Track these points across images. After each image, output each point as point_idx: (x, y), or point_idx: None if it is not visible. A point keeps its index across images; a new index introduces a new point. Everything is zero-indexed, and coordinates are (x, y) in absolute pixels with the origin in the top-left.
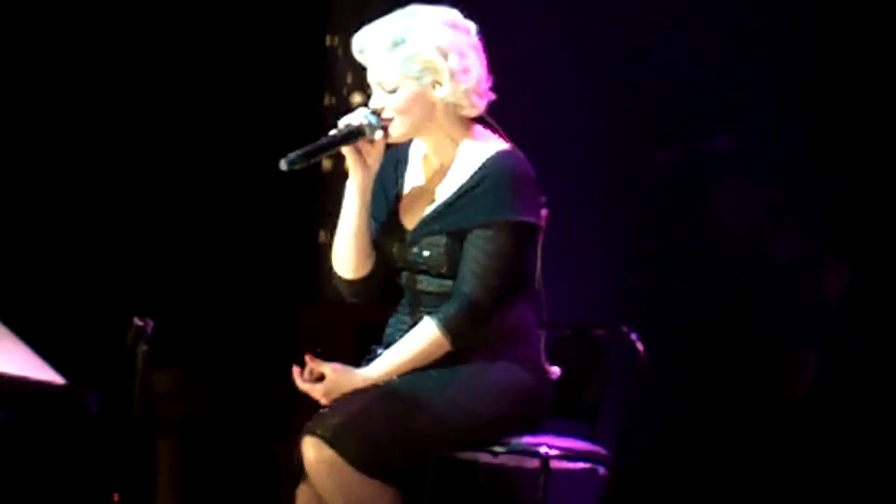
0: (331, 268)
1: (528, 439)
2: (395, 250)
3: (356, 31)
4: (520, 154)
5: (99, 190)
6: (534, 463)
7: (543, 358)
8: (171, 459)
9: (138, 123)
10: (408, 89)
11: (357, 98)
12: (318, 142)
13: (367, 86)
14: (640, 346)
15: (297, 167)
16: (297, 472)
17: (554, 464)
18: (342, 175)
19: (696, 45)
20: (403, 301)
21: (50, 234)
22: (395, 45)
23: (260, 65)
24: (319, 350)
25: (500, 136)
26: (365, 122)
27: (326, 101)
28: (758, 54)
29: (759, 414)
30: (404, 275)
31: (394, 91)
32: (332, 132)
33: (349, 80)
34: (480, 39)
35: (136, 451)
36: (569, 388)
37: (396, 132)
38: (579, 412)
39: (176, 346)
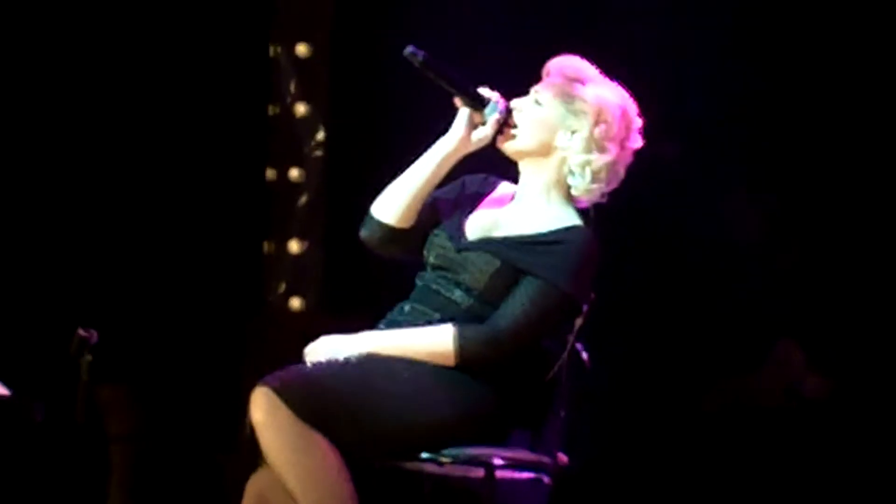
0: (367, 209)
1: (473, 449)
2: (440, 246)
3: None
4: (597, 241)
5: (44, 200)
6: (479, 472)
7: (513, 394)
8: (119, 471)
9: (82, 134)
10: (550, 114)
11: (301, 108)
12: (451, 70)
13: (313, 96)
14: (585, 355)
15: (413, 62)
16: (247, 439)
17: (499, 473)
18: (287, 186)
19: (649, 53)
20: (409, 301)
21: None
22: (576, 80)
23: (204, 76)
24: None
25: (588, 225)
26: (494, 99)
27: (271, 111)
28: (710, 68)
29: (704, 422)
30: (430, 272)
31: (540, 105)
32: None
33: (293, 89)
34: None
35: (82, 460)
36: (514, 396)
37: (512, 139)
38: (524, 421)
39: (121, 359)
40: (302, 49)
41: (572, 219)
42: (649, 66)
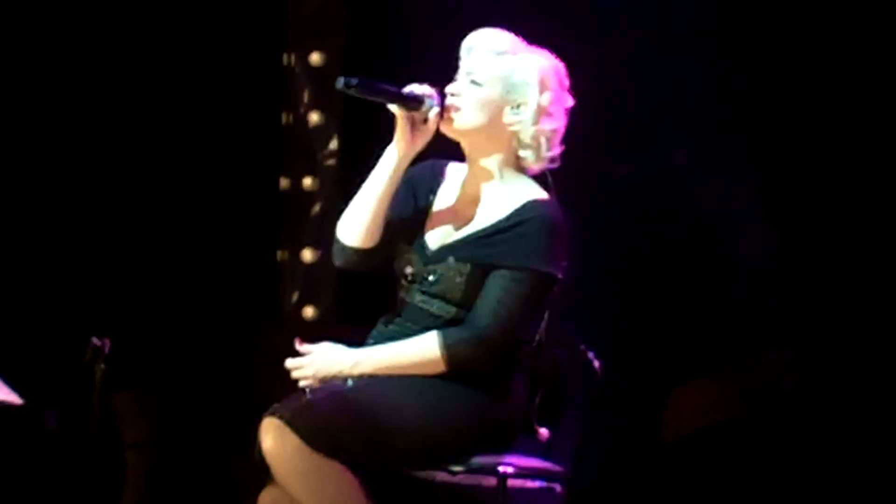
0: (333, 233)
1: (485, 457)
2: (409, 261)
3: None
4: (559, 207)
5: (57, 208)
6: (491, 481)
7: (516, 394)
8: (133, 478)
9: (96, 142)
10: (491, 91)
11: (315, 117)
12: (382, 84)
13: (328, 104)
14: (597, 364)
15: (349, 91)
16: (257, 462)
17: (511, 482)
18: (300, 195)
19: (656, 57)
20: (395, 317)
21: (7, 254)
22: (506, 52)
23: (218, 84)
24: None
25: (549, 190)
26: (428, 93)
27: (284, 119)
28: (713, 69)
29: (714, 431)
30: (404, 285)
31: (479, 85)
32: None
33: (307, 98)
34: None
35: (98, 467)
36: (526, 405)
37: (458, 122)
38: (536, 430)
39: (136, 366)
40: (316, 58)
41: (530, 191)
42: (641, 60)
